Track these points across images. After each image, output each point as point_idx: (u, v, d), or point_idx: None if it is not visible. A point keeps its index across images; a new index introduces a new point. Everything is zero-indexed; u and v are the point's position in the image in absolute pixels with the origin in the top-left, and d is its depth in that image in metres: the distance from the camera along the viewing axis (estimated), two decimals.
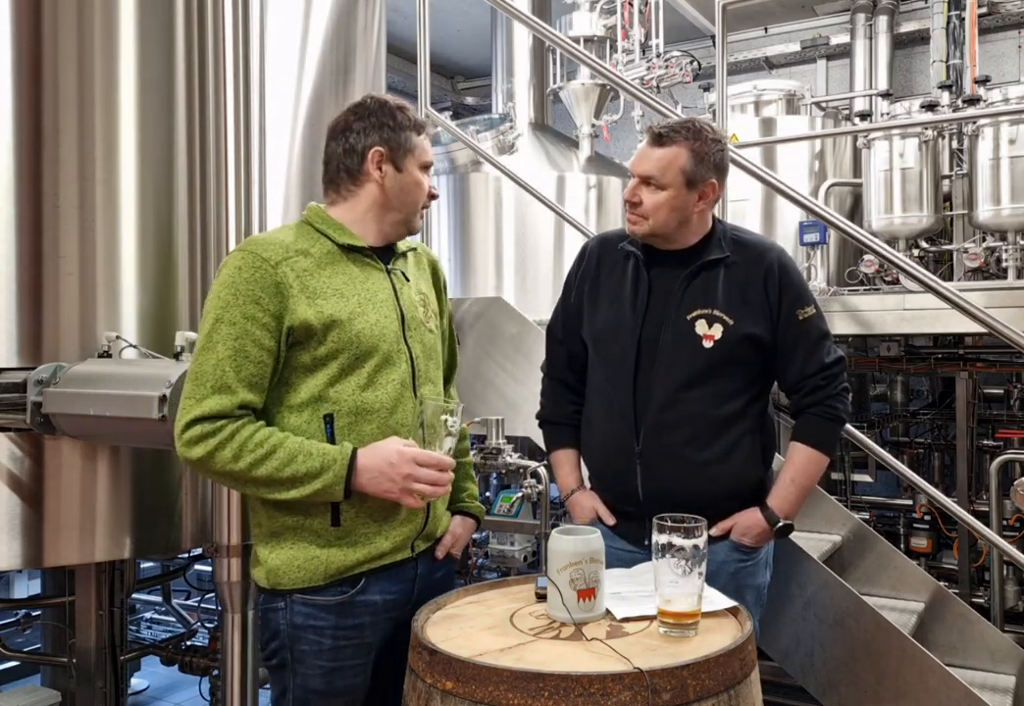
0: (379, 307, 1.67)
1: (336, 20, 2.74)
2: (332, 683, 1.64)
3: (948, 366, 4.60)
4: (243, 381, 1.55)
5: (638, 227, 1.94)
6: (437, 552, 1.80)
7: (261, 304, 1.55)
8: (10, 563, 2.16)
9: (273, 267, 1.57)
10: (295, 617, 1.63)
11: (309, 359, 1.60)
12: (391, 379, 1.66)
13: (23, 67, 2.14)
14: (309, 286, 1.60)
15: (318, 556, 1.62)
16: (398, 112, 1.69)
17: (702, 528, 1.46)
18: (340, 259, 1.67)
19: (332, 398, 1.61)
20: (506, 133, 4.78)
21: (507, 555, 3.57)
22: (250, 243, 1.63)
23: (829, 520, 2.94)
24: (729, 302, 1.92)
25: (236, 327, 1.55)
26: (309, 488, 1.54)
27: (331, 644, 1.63)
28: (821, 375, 1.95)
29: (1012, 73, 6.18)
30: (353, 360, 1.62)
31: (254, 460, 1.52)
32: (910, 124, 4.61)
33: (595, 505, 2.05)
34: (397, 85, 6.93)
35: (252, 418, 1.58)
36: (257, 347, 1.55)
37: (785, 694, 3.24)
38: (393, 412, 1.65)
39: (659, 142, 1.89)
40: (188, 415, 1.54)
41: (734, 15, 3.89)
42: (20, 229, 2.14)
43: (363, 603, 1.65)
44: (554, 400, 2.16)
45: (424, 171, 1.72)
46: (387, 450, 1.56)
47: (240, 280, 1.56)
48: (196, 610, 4.27)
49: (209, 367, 1.54)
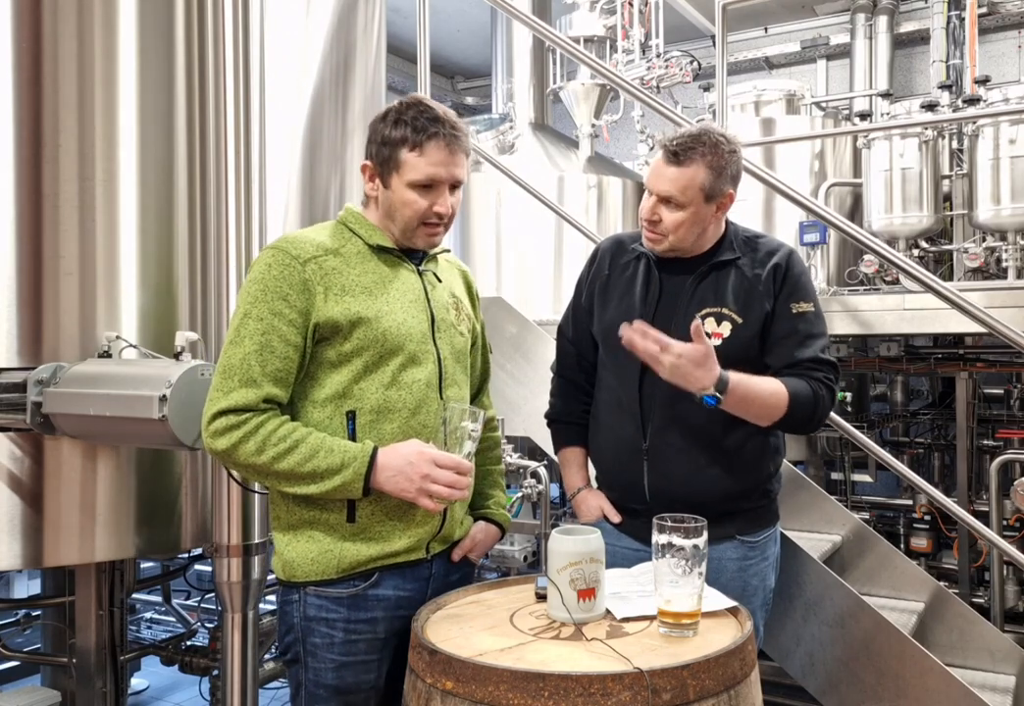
0: (408, 307, 1.68)
1: (336, 20, 2.74)
2: (343, 678, 1.65)
3: (948, 366, 4.60)
4: (269, 375, 1.57)
5: (658, 245, 1.93)
6: (453, 555, 1.79)
7: (288, 300, 1.58)
8: (10, 563, 2.16)
9: (302, 265, 1.59)
10: (308, 609, 1.64)
11: (335, 355, 1.62)
12: (416, 379, 1.66)
13: (23, 67, 2.14)
14: (337, 283, 1.61)
15: (331, 550, 1.63)
16: (394, 126, 1.63)
17: (702, 528, 1.46)
18: (371, 258, 1.68)
19: (355, 395, 1.62)
20: (506, 133, 4.79)
21: (507, 555, 3.57)
22: (282, 241, 1.65)
23: (829, 520, 2.94)
24: (738, 301, 1.91)
25: (263, 322, 1.57)
26: (329, 484, 1.56)
27: (343, 638, 1.64)
28: (812, 366, 1.86)
29: (1012, 73, 6.18)
30: (378, 358, 1.63)
31: (277, 454, 1.54)
32: (910, 124, 4.61)
33: (601, 504, 2.05)
34: (397, 85, 6.93)
35: (277, 412, 1.59)
36: (283, 342, 1.57)
37: (785, 694, 3.24)
38: (416, 413, 1.66)
39: (676, 161, 1.84)
40: (215, 407, 1.56)
41: (734, 15, 3.89)
42: (20, 229, 2.14)
43: (375, 597, 1.66)
44: (563, 399, 2.16)
45: (418, 189, 1.63)
46: (407, 450, 1.58)
47: (269, 277, 1.59)
48: (196, 610, 4.27)
49: (236, 360, 1.57)
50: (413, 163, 1.61)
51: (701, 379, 1.73)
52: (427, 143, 1.60)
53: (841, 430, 2.87)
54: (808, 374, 1.87)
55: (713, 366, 1.74)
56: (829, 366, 1.90)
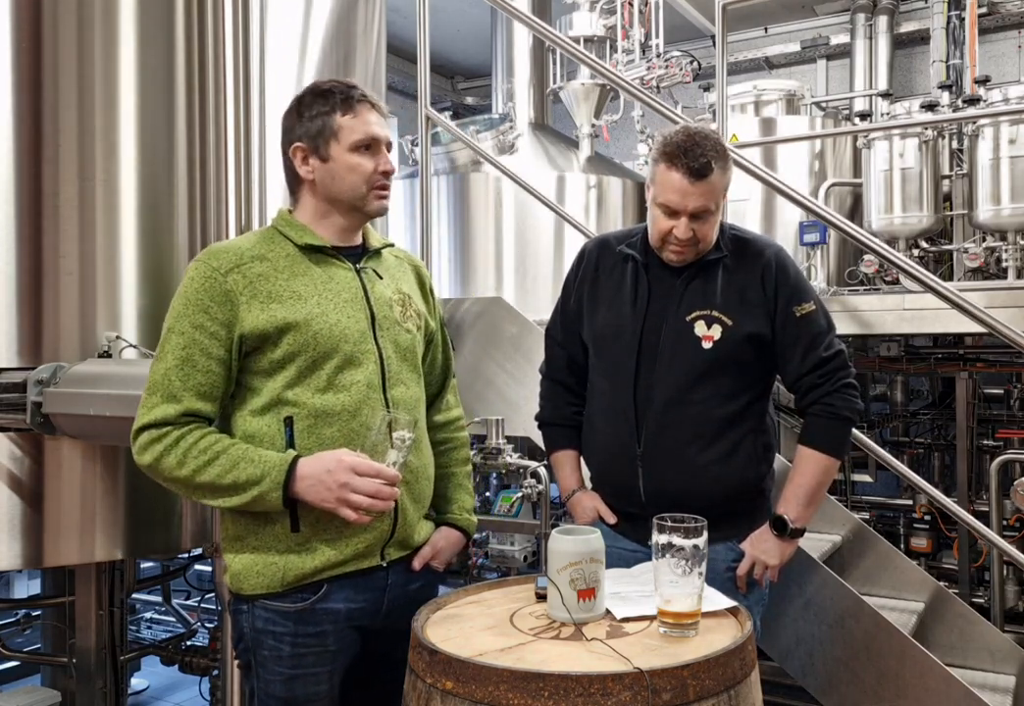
0: (342, 307, 1.63)
1: (336, 20, 2.74)
2: (293, 690, 1.61)
3: (948, 366, 4.60)
4: (190, 389, 1.55)
5: (687, 256, 1.91)
6: (414, 563, 1.73)
7: (210, 313, 1.56)
8: (10, 563, 2.16)
9: (223, 275, 1.57)
10: (256, 621, 1.61)
11: (267, 363, 1.59)
12: (355, 380, 1.61)
13: (23, 67, 2.14)
14: (263, 290, 1.58)
15: (276, 562, 1.59)
16: (317, 100, 1.62)
17: (702, 528, 1.46)
18: (300, 261, 1.64)
19: (291, 401, 1.58)
20: (506, 133, 4.79)
21: (507, 555, 3.56)
22: (205, 253, 1.62)
23: (829, 520, 2.94)
24: (728, 303, 1.92)
25: (184, 337, 1.56)
26: (248, 495, 1.52)
27: (290, 651, 1.60)
28: (817, 373, 1.93)
29: (1012, 73, 6.18)
30: (311, 362, 1.59)
31: (197, 466, 1.52)
32: (910, 124, 4.61)
33: (596, 505, 2.05)
34: (397, 85, 6.93)
35: (201, 425, 1.57)
36: (205, 356, 1.56)
37: (785, 694, 3.24)
38: (356, 415, 1.61)
39: (700, 176, 1.82)
40: (138, 423, 1.57)
41: (734, 15, 3.89)
42: (20, 229, 2.14)
43: (324, 611, 1.61)
44: (553, 402, 2.16)
45: (362, 151, 1.61)
46: (328, 458, 1.53)
47: (191, 290, 1.57)
48: (196, 610, 4.27)
49: (159, 376, 1.57)
50: (351, 125, 1.61)
51: (780, 552, 1.94)
52: (358, 106, 1.62)
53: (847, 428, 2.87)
54: (819, 400, 1.93)
55: (781, 552, 1.93)
56: (838, 359, 1.94)
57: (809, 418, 1.97)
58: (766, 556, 1.92)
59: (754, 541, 1.94)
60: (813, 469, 1.94)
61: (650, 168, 1.92)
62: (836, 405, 1.93)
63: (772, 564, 1.92)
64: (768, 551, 1.92)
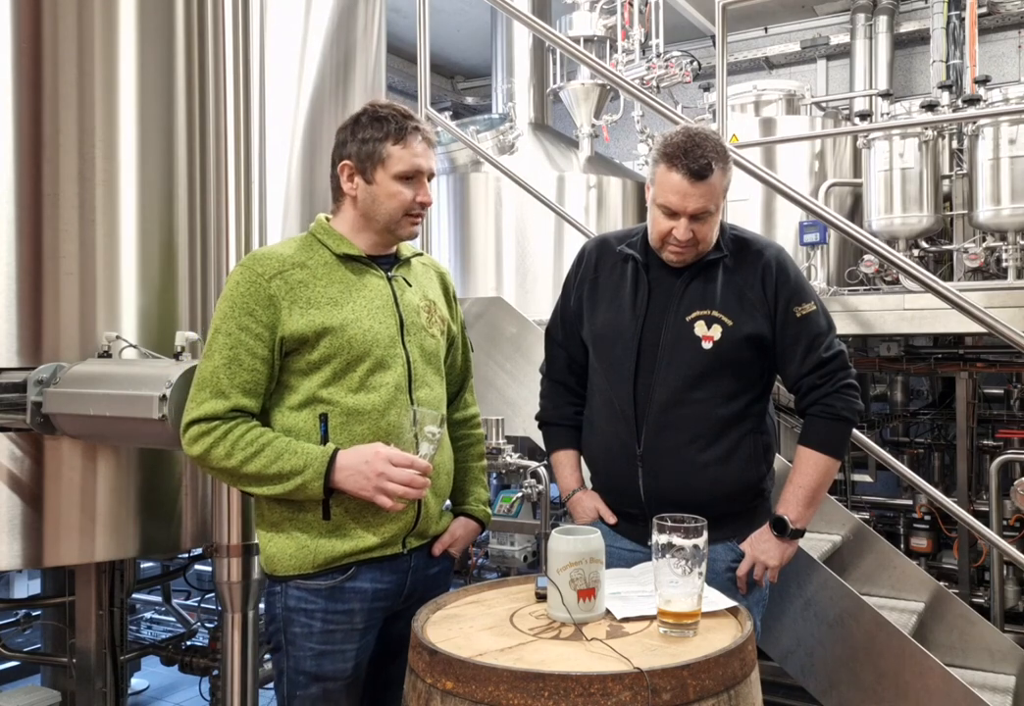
0: (375, 313, 1.74)
1: (336, 20, 2.74)
2: (322, 665, 1.72)
3: (948, 366, 4.60)
4: (237, 387, 1.66)
5: (687, 256, 1.92)
6: (433, 549, 1.86)
7: (255, 316, 1.67)
8: (10, 563, 2.16)
9: (267, 281, 1.68)
10: (289, 600, 1.73)
11: (304, 364, 1.70)
12: (384, 382, 1.73)
13: (23, 67, 2.14)
14: (303, 296, 1.69)
15: (308, 546, 1.71)
16: (373, 124, 1.72)
17: (702, 528, 1.47)
18: (337, 268, 1.75)
19: (326, 399, 1.70)
20: (506, 133, 4.78)
21: (507, 555, 3.56)
22: (249, 258, 1.74)
23: (829, 520, 2.94)
24: (728, 303, 1.92)
25: (231, 338, 1.67)
26: (292, 484, 1.64)
27: (321, 627, 1.72)
28: (817, 374, 1.93)
29: (1012, 73, 6.18)
30: (345, 364, 1.70)
31: (244, 457, 1.64)
32: (910, 124, 4.61)
33: (596, 505, 2.06)
34: (397, 85, 6.93)
35: (247, 419, 1.69)
36: (251, 356, 1.67)
37: (785, 694, 3.25)
38: (385, 414, 1.72)
39: (700, 177, 1.82)
40: (188, 417, 1.68)
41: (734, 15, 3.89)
42: (20, 229, 2.14)
43: (352, 589, 1.73)
44: (553, 402, 2.16)
45: (402, 180, 1.72)
46: (366, 450, 1.66)
47: (237, 294, 1.68)
48: (196, 610, 4.26)
49: (207, 374, 1.68)
50: (399, 155, 1.71)
51: (782, 554, 1.94)
52: (409, 137, 1.72)
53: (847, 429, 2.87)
54: (819, 400, 1.93)
55: (781, 553, 1.93)
56: (838, 360, 1.94)
57: (809, 419, 1.97)
58: (766, 557, 1.92)
59: (754, 542, 1.94)
60: (813, 470, 1.94)
61: (650, 169, 1.92)
62: (836, 406, 1.93)
63: (772, 565, 1.92)
64: (768, 552, 1.92)
